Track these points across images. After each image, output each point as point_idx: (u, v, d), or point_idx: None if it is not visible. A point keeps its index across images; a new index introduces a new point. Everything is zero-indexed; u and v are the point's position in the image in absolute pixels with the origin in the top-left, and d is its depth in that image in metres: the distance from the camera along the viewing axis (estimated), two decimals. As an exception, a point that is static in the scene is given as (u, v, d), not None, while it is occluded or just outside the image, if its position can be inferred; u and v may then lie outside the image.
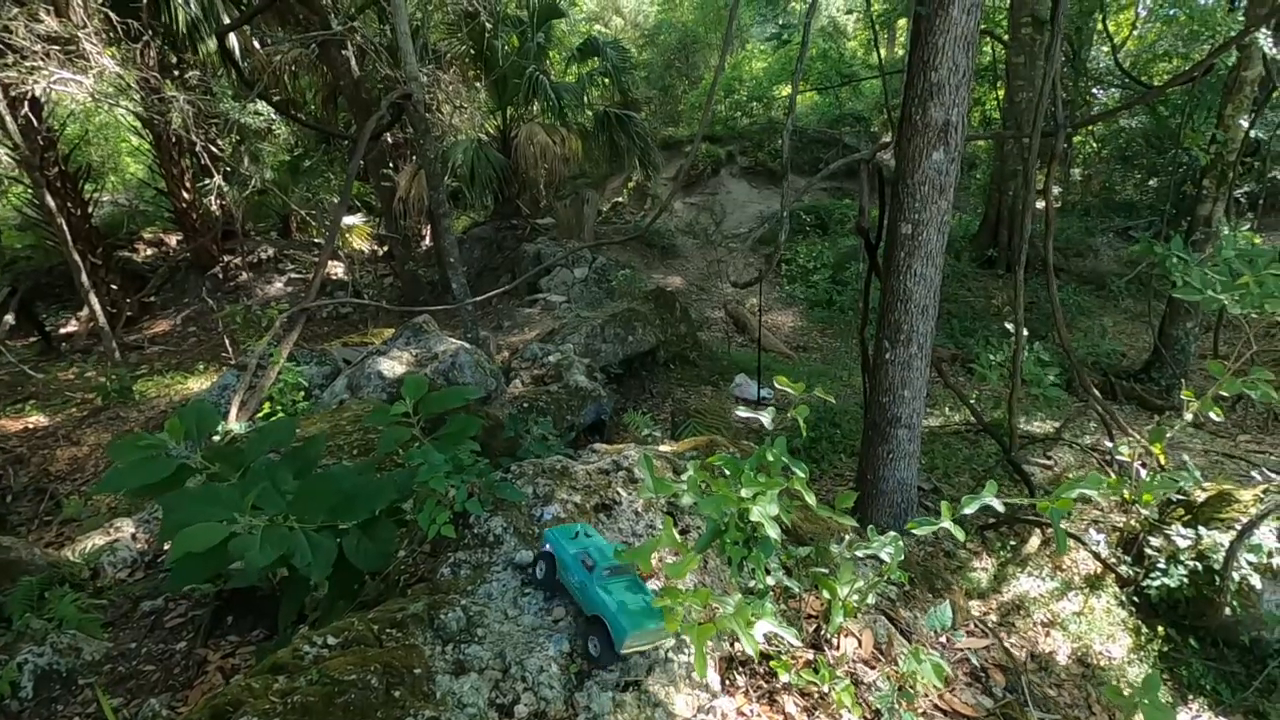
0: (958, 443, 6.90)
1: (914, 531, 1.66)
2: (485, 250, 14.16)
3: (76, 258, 9.06)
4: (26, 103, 9.30)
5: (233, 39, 10.04)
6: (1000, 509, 1.57)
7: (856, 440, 6.54)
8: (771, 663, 1.56)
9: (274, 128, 11.25)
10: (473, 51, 12.51)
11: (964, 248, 12.25)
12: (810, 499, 1.64)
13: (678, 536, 1.57)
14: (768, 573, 1.59)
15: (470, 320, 7.25)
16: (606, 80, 13.38)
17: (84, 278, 9.07)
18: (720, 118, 18.74)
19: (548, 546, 1.85)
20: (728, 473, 1.59)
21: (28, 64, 7.55)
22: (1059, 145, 4.71)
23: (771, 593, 1.63)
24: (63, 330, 13.19)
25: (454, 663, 1.46)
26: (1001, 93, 12.78)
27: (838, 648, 1.62)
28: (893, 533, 1.72)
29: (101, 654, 2.68)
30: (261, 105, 8.71)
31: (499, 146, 12.82)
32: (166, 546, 3.95)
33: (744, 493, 1.50)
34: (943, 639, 1.86)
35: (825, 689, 1.47)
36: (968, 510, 1.57)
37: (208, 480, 1.94)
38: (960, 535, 1.68)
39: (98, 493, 4.28)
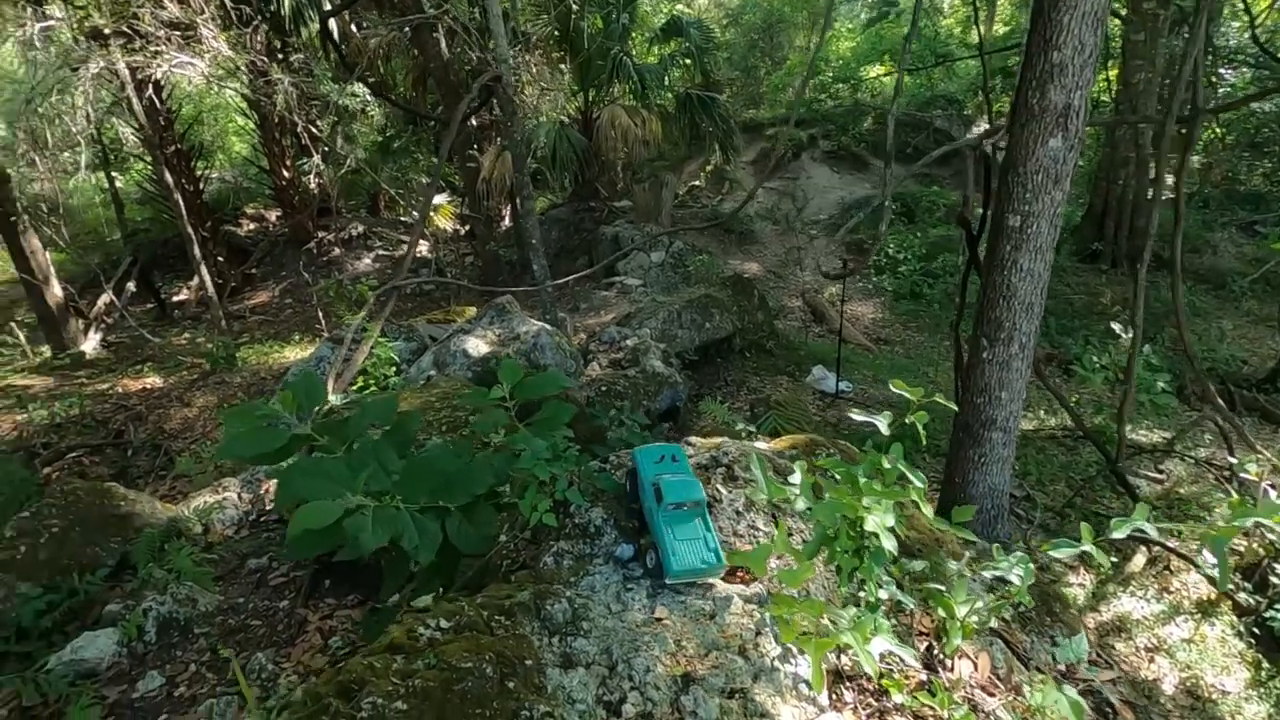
0: (1053, 448, 6.52)
1: (1053, 554, 1.55)
2: (562, 232, 14.29)
3: (189, 230, 9.68)
4: (150, 85, 9.96)
5: (333, 23, 10.42)
6: (1154, 534, 1.44)
7: (941, 441, 6.28)
8: (884, 681, 1.49)
9: (368, 109, 11.65)
10: (558, 33, 12.55)
11: (1064, 240, 11.50)
12: (927, 511, 1.56)
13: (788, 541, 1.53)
14: (879, 586, 1.52)
15: (549, 302, 7.34)
16: (689, 61, 13.18)
17: (195, 249, 9.69)
18: (802, 100, 18.19)
19: (633, 463, 1.95)
20: (838, 477, 1.53)
21: (152, 49, 8.06)
22: (1195, 132, 4.31)
23: (882, 607, 1.56)
24: (176, 298, 14.17)
25: (561, 655, 1.47)
26: (1114, 73, 11.85)
27: (953, 670, 1.54)
28: (1021, 553, 1.61)
29: (213, 606, 2.86)
30: (358, 87, 9.02)
31: (580, 128, 12.86)
32: (269, 508, 4.19)
33: (865, 501, 1.43)
34: (1061, 667, 1.74)
35: (942, 714, 1.40)
36: (1117, 534, 1.45)
37: (315, 452, 2.02)
38: (1104, 560, 1.57)
39: (218, 459, 4.56)
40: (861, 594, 1.56)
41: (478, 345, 5.09)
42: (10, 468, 6.33)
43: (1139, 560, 4.49)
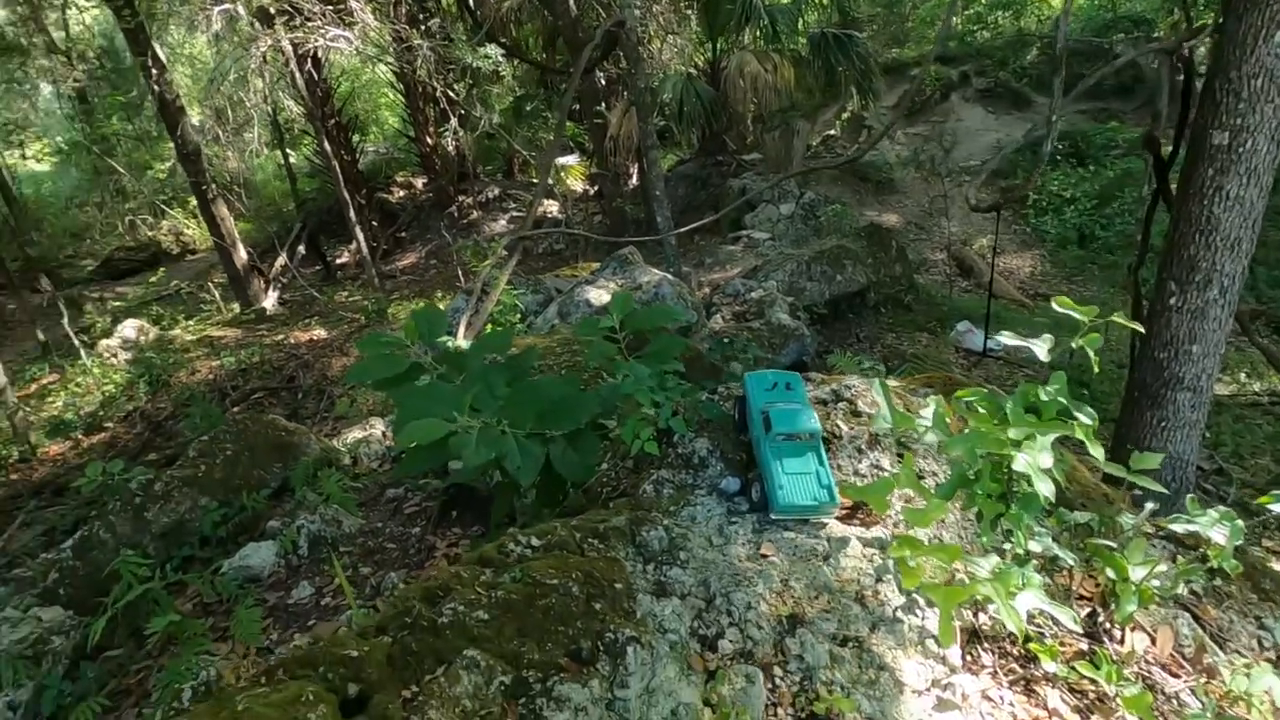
0: (1256, 416, 5.57)
1: (1274, 508, 1.24)
2: (690, 188, 14.05)
3: (346, 197, 10.48)
4: (309, 61, 10.78)
5: (467, -13, 10.71)
6: None
7: (1109, 404, 5.56)
8: (1031, 645, 1.27)
9: (501, 70, 11.97)
10: (686, -23, 12.15)
11: None
12: (1097, 452, 1.29)
13: (917, 478, 1.34)
14: (1030, 537, 1.28)
15: (672, 255, 7.23)
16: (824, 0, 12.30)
17: (351, 214, 10.49)
18: (953, 33, 16.47)
19: (743, 390, 1.82)
20: (981, 409, 1.30)
21: (309, 25, 8.70)
22: None
23: (1034, 562, 1.32)
24: (339, 260, 15.56)
25: (655, 583, 1.38)
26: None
27: (1123, 642, 1.28)
28: (1226, 508, 1.30)
29: (356, 528, 3.08)
30: (491, 48, 9.24)
31: (708, 80, 12.45)
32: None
33: (1011, 434, 1.20)
34: (1270, 654, 1.41)
35: (1108, 690, 1.16)
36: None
37: (435, 380, 2.06)
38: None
39: (349, 381, 4.89)
40: (1007, 546, 1.33)
41: (600, 295, 5.10)
42: (207, 407, 7.28)
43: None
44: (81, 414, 8.18)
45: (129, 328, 9.80)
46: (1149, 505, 1.42)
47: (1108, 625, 1.31)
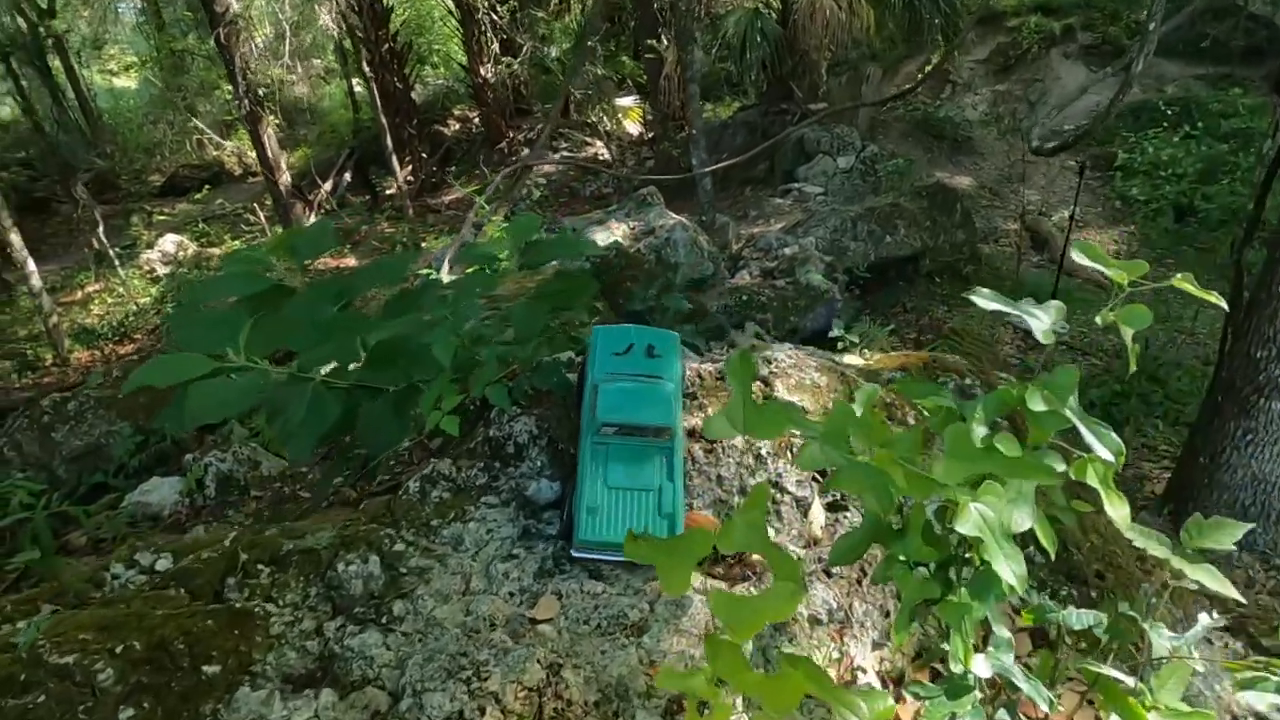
0: (1366, 436, 4.72)
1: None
2: (748, 137, 13.19)
3: (385, 123, 10.19)
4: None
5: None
6: None
7: (1186, 405, 4.82)
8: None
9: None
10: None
11: None
12: (1118, 510, 0.80)
13: (772, 534, 0.87)
14: (980, 647, 0.80)
15: (707, 202, 6.65)
16: (918, -68, 11.06)
17: (388, 141, 10.22)
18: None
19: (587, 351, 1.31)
20: (926, 411, 0.83)
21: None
22: None
23: (976, 696, 0.81)
24: (387, 191, 15.47)
25: (316, 659, 0.87)
26: None
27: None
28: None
29: (276, 472, 2.79)
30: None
31: (777, 17, 11.49)
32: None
33: (940, 471, 0.73)
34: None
35: None
36: None
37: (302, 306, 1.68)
38: None
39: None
40: (940, 660, 0.85)
41: (607, 237, 4.64)
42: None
43: None
44: (113, 324, 8.31)
45: (169, 242, 9.90)
46: (1204, 618, 0.90)
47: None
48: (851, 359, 1.76)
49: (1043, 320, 0.91)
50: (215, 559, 0.99)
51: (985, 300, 0.99)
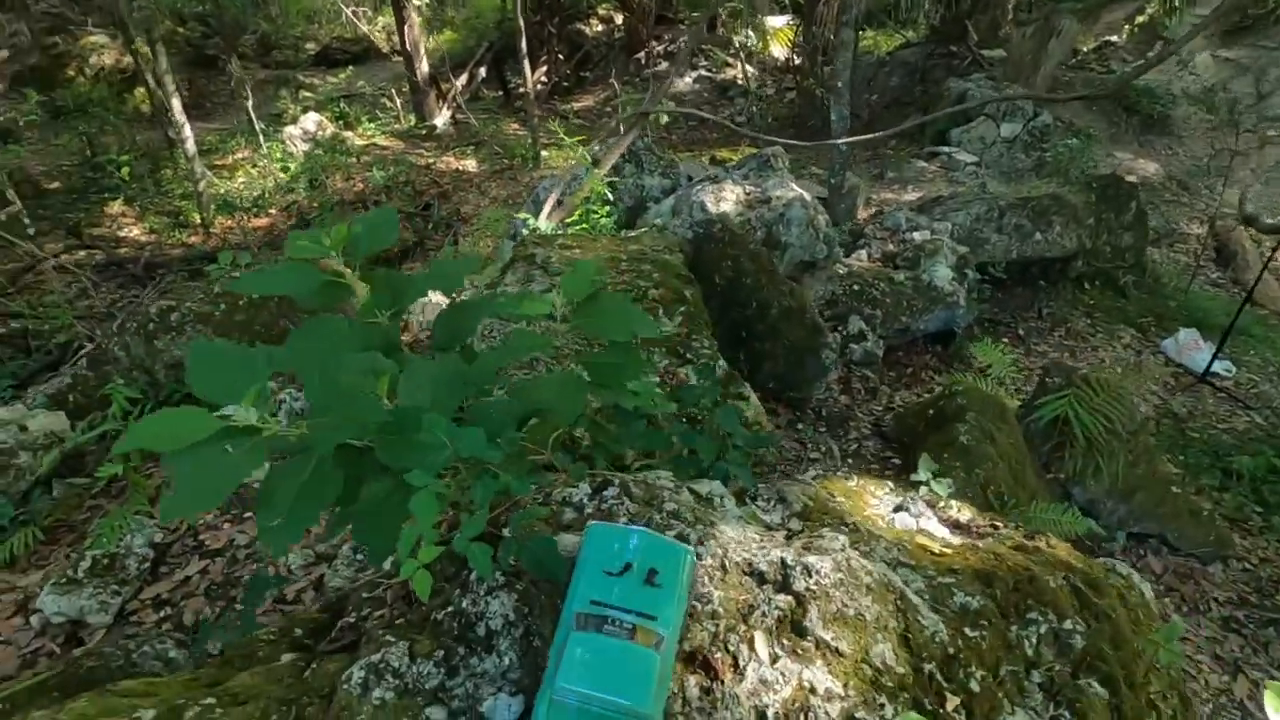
0: None
1: None
2: (905, 78, 11.96)
3: (521, 23, 9.92)
4: None
5: None
6: None
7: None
8: None
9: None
10: None
11: None
12: None
13: None
14: None
15: (838, 163, 6.09)
16: None
17: (522, 43, 9.97)
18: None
19: (578, 552, 1.08)
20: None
21: None
22: None
23: None
24: (521, 89, 15.30)
25: None
26: None
27: None
28: None
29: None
30: None
31: (967, -59, 10.06)
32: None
33: None
34: None
35: None
36: None
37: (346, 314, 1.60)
38: None
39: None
40: None
41: (718, 200, 4.33)
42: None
43: None
44: (252, 196, 8.83)
45: (310, 120, 10.28)
46: None
47: None
48: (928, 521, 1.47)
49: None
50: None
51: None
